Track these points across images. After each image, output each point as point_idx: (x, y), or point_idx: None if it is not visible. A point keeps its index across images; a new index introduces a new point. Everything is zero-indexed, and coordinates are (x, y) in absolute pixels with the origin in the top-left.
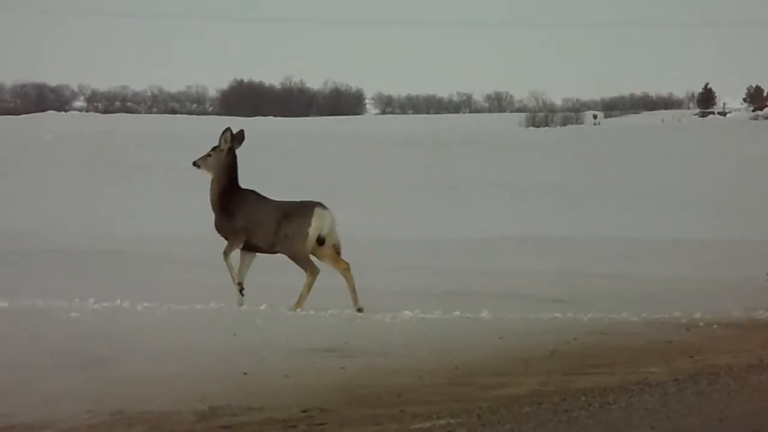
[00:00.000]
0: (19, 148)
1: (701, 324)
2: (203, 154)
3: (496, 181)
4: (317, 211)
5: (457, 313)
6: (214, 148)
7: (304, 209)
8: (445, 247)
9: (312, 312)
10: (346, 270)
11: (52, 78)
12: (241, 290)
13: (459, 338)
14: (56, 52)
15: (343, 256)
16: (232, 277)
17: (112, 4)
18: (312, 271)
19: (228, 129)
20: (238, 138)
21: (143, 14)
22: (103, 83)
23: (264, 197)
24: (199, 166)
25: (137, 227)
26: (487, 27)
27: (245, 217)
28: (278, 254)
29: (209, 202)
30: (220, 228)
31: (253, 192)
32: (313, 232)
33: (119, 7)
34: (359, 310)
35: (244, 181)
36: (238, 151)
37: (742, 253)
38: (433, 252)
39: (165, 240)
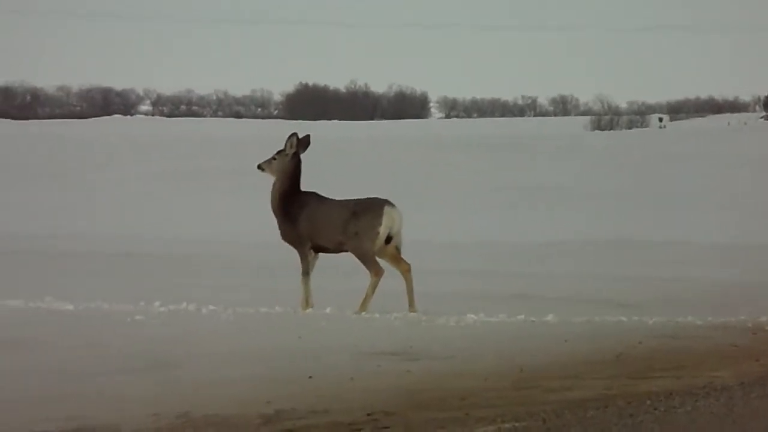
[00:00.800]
0: (86, 152)
1: None
2: (268, 158)
3: (560, 184)
4: (387, 209)
5: (522, 316)
6: (279, 152)
7: (374, 207)
8: (509, 251)
9: (377, 315)
10: (407, 271)
11: (117, 82)
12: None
13: (524, 341)
14: (122, 56)
15: (409, 259)
16: (305, 301)
17: (177, 8)
18: (377, 271)
19: (294, 134)
20: (304, 143)
21: (208, 18)
22: (169, 87)
23: (326, 197)
24: (263, 170)
25: (202, 230)
26: (552, 30)
27: (308, 218)
28: (343, 258)
29: (270, 207)
30: (284, 235)
31: (313, 194)
32: (383, 230)
33: (185, 12)
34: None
35: (308, 185)
36: (302, 155)
37: None
38: (498, 255)
39: (230, 243)
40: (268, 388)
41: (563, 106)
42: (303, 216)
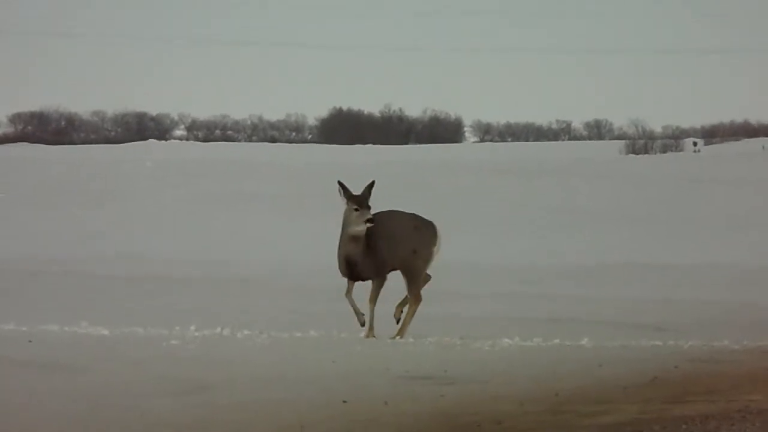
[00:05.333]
0: (122, 176)
1: None
2: (367, 210)
3: (596, 208)
4: (438, 231)
5: (557, 340)
6: (363, 202)
7: (430, 226)
8: (545, 275)
9: (411, 339)
10: (424, 281)
11: (152, 107)
12: (363, 323)
13: (559, 366)
14: (157, 81)
15: (444, 283)
16: (357, 313)
17: (212, 32)
18: (418, 297)
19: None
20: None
21: (244, 42)
22: (203, 112)
23: (390, 210)
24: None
25: (239, 254)
26: (587, 54)
27: (384, 234)
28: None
29: (348, 255)
30: (365, 271)
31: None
32: (435, 252)
33: (220, 36)
34: (398, 321)
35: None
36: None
37: None
38: (533, 279)
39: (265, 268)
40: (303, 412)
41: (597, 131)
42: (378, 235)
